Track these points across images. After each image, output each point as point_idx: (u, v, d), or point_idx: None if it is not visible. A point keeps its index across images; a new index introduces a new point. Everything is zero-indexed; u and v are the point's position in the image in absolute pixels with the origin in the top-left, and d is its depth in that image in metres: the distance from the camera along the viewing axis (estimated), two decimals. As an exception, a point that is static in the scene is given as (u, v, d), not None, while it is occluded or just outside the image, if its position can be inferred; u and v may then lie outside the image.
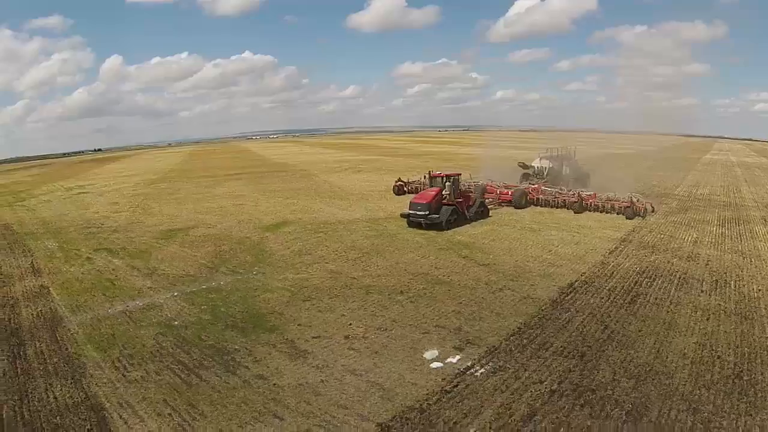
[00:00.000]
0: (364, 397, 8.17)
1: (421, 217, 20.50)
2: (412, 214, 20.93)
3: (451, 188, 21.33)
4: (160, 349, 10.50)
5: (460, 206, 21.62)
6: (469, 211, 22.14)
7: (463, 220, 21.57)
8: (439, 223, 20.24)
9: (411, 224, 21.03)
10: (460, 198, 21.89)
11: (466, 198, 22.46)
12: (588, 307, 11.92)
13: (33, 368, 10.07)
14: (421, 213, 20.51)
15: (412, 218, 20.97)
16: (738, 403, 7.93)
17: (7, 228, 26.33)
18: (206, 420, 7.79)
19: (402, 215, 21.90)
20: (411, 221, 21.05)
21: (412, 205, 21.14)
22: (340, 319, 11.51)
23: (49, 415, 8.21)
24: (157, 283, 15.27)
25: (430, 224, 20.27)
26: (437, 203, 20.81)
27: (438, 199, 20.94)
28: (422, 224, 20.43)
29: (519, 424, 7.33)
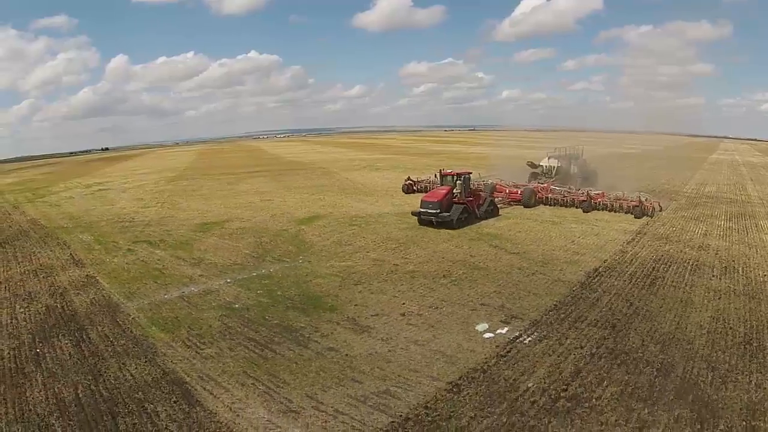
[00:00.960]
0: (431, 363, 9.53)
1: (432, 215, 20.72)
2: (423, 212, 21.14)
3: (461, 187, 21.64)
4: (227, 329, 11.42)
5: (471, 205, 21.91)
6: (479, 210, 22.45)
7: (474, 219, 21.91)
8: (450, 221, 20.53)
9: (422, 222, 21.34)
10: (471, 196, 22.21)
11: (477, 197, 22.80)
12: (613, 288, 13.35)
13: (100, 350, 10.71)
14: (432, 211, 20.74)
15: (423, 216, 21.18)
16: (749, 363, 9.34)
17: (34, 223, 27.14)
18: (290, 387, 8.77)
19: (413, 213, 22.07)
20: (422, 219, 21.32)
21: (423, 203, 21.35)
22: (392, 300, 12.92)
23: (129, 391, 8.86)
24: (206, 271, 16.27)
25: (441, 222, 20.63)
26: (448, 202, 21.05)
27: (449, 198, 21.18)
28: (433, 222, 20.78)
29: (568, 379, 8.76)
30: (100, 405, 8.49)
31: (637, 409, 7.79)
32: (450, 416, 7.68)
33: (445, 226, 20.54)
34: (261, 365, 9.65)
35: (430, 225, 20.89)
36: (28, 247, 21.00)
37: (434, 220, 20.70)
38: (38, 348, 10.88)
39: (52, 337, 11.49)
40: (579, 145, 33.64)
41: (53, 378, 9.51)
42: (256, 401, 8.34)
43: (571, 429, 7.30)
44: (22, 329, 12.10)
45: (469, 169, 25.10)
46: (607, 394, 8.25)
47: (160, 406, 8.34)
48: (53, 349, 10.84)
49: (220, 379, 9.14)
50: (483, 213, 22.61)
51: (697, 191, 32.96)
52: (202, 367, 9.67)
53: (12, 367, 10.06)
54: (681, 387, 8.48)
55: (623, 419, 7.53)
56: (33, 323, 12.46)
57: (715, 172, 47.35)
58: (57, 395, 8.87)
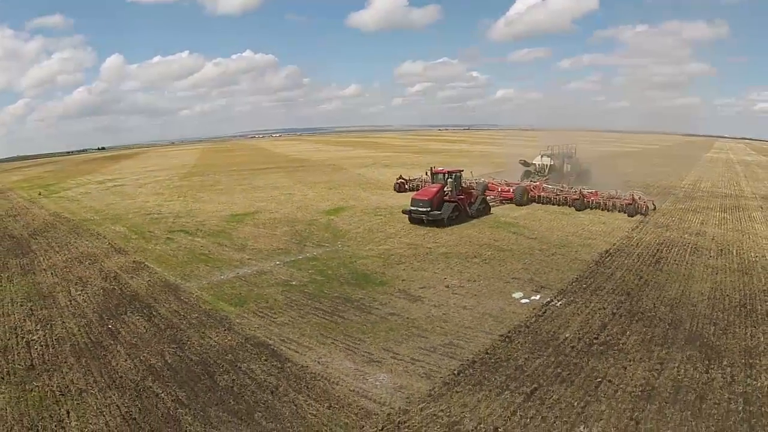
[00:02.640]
0: (481, 322, 11.32)
1: (422, 214, 20.55)
2: (413, 210, 20.93)
3: (453, 185, 21.62)
4: (292, 302, 12.68)
5: (462, 203, 21.78)
6: (470, 208, 22.31)
7: (465, 217, 21.84)
8: (441, 219, 20.46)
9: (413, 221, 21.17)
10: (462, 194, 22.16)
11: (468, 194, 22.74)
12: (624, 266, 15.28)
13: (175, 323, 11.55)
14: (422, 209, 20.57)
15: (413, 214, 20.99)
16: (745, 320, 11.26)
17: (58, 216, 27.61)
18: (366, 343, 10.15)
19: (404, 212, 21.83)
20: (412, 218, 21.16)
21: (414, 201, 21.16)
22: (434, 276, 14.73)
23: (218, 354, 9.86)
24: (253, 255, 17.43)
25: (432, 221, 20.52)
26: (439, 200, 20.92)
27: (440, 196, 21.04)
28: (424, 221, 20.66)
29: (597, 331, 10.64)
30: (193, 367, 9.44)
31: (656, 351, 9.68)
32: (508, 358, 9.51)
33: (435, 225, 20.55)
34: (334, 328, 11.06)
35: (421, 223, 20.89)
36: (61, 237, 21.76)
37: (425, 218, 20.54)
38: (109, 324, 11.74)
39: (120, 314, 12.34)
40: (573, 143, 33.72)
41: (135, 348, 10.35)
42: (339, 356, 9.70)
43: (606, 364, 9.16)
44: (86, 309, 12.84)
45: (460, 167, 25.19)
46: (630, 341, 10.14)
47: (253, 364, 9.47)
48: (125, 324, 11.73)
49: (301, 341, 10.41)
50: (474, 211, 22.46)
51: (694, 186, 35.07)
52: (280, 332, 10.90)
53: (87, 341, 10.86)
54: (689, 336, 10.38)
55: (646, 358, 9.41)
56: (95, 303, 13.24)
57: (711, 169, 49.53)
58: (145, 362, 9.74)
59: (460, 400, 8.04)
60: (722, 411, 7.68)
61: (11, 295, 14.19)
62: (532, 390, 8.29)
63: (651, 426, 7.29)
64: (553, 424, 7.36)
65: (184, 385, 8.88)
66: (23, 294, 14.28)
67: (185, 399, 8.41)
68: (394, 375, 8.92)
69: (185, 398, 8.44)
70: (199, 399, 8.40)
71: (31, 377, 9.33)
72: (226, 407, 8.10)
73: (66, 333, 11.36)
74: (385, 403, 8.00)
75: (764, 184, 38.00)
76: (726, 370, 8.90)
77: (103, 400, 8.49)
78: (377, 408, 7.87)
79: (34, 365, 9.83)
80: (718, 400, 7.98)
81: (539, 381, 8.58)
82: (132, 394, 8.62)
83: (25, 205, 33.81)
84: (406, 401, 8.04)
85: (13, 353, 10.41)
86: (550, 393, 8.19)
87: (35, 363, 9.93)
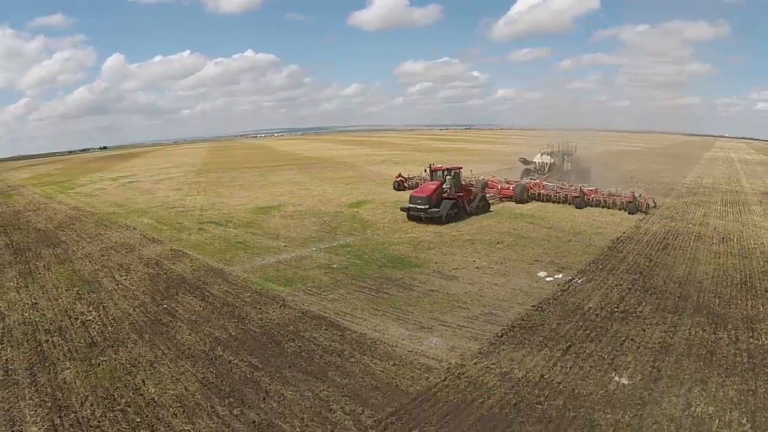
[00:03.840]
0: (513, 296, 12.74)
1: (421, 211, 20.50)
2: (412, 207, 20.92)
3: (451, 182, 21.56)
4: (337, 282, 13.79)
5: (461, 200, 21.74)
6: (469, 206, 22.27)
7: (464, 215, 21.84)
8: (439, 217, 20.37)
9: (411, 218, 21.15)
10: (461, 192, 22.11)
11: (467, 192, 22.70)
12: (635, 250, 16.75)
13: (229, 302, 12.33)
14: (421, 207, 20.55)
15: (412, 212, 20.96)
16: (746, 294, 12.73)
17: (80, 210, 28.25)
18: (414, 314, 11.36)
19: (402, 209, 21.89)
20: (411, 215, 21.12)
21: (412, 198, 21.14)
22: (463, 259, 16.17)
23: (279, 326, 10.78)
24: (288, 243, 18.39)
25: (430, 218, 20.46)
26: (437, 197, 20.87)
27: (438, 193, 20.98)
28: (422, 218, 20.61)
29: (616, 302, 12.09)
30: (259, 338, 10.27)
31: (668, 317, 11.15)
32: (542, 323, 10.96)
33: (433, 222, 20.59)
34: (382, 302, 12.26)
35: (419, 221, 20.93)
36: (89, 229, 22.47)
37: (423, 215, 20.50)
38: (164, 304, 12.45)
39: (172, 295, 13.09)
40: (574, 142, 34.10)
41: (196, 324, 11.09)
42: (393, 324, 10.86)
43: (628, 327, 10.62)
44: (136, 291, 13.55)
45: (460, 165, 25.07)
46: (646, 309, 11.62)
47: (315, 333, 10.48)
48: (180, 303, 12.46)
49: (354, 313, 11.48)
50: (474, 209, 22.44)
51: (696, 183, 36.59)
52: (333, 307, 11.91)
53: (145, 320, 11.53)
54: (697, 306, 11.85)
55: (661, 322, 10.88)
56: (143, 286, 13.96)
57: (712, 167, 51.02)
58: (209, 335, 10.48)
59: (507, 356, 9.48)
60: (729, 362, 9.13)
61: (53, 282, 14.81)
62: (567, 347, 9.75)
63: (671, 372, 8.74)
64: (589, 372, 8.81)
65: (254, 352, 9.72)
66: (65, 280, 14.89)
67: (258, 364, 9.26)
68: (445, 338, 10.31)
69: (258, 363, 9.28)
70: (272, 363, 9.27)
71: (95, 353, 9.89)
72: (299, 368, 9.05)
73: (121, 313, 12.02)
74: (443, 360, 9.36)
75: (764, 181, 39.45)
76: (731, 333, 10.37)
77: (176, 368, 9.17)
78: (436, 364, 9.23)
79: (96, 342, 10.41)
80: (726, 354, 9.44)
81: (572, 340, 10.04)
82: (204, 362, 9.36)
83: (42, 201, 34.58)
84: (460, 358, 9.43)
85: (70, 333, 10.98)
86: (582, 349, 9.65)
87: (96, 340, 10.51)
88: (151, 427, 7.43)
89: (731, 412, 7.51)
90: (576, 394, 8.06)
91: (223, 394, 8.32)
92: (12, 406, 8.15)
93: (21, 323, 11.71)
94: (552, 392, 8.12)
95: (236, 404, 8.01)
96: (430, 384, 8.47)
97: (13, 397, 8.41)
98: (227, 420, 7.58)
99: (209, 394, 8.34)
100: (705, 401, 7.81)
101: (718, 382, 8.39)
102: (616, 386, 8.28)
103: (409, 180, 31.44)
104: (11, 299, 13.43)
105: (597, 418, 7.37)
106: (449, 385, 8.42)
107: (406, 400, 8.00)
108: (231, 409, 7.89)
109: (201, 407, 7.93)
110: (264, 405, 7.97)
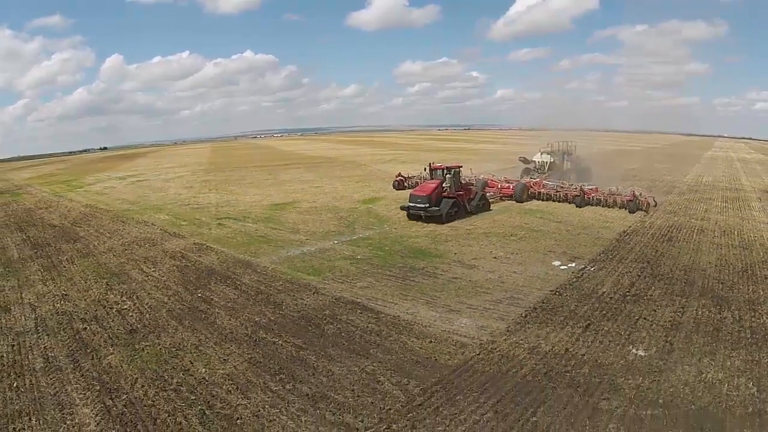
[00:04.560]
0: (531, 282, 13.68)
1: (421, 210, 20.49)
2: (412, 206, 20.90)
3: (451, 180, 21.51)
4: (364, 271, 14.54)
5: (461, 199, 21.77)
6: (469, 204, 22.30)
7: (464, 213, 21.88)
8: (439, 216, 20.36)
9: (411, 217, 21.14)
10: (461, 191, 22.12)
11: (467, 191, 22.67)
12: (641, 242, 17.72)
13: (263, 290, 12.97)
14: (421, 206, 20.55)
15: (412, 211, 20.96)
16: (747, 281, 13.67)
17: (93, 207, 28.62)
18: (442, 299, 12.07)
19: (402, 208, 21.94)
20: (411, 214, 21.14)
21: (412, 197, 21.11)
22: (481, 250, 17.08)
23: (316, 311, 11.44)
24: (309, 237, 19.03)
25: (430, 217, 20.43)
26: (437, 196, 20.85)
27: (438, 192, 20.95)
28: (422, 217, 20.60)
29: (627, 287, 13.03)
30: (298, 321, 10.89)
31: (677, 300, 12.10)
32: (562, 305, 11.90)
33: (434, 221, 20.55)
34: (410, 289, 13.04)
35: (419, 219, 20.91)
36: (106, 225, 22.92)
37: (423, 214, 20.47)
38: (198, 293, 12.94)
39: (204, 285, 13.58)
40: (573, 141, 34.22)
41: (233, 311, 11.62)
42: (423, 308, 11.62)
43: (640, 308, 11.57)
44: (167, 282, 14.01)
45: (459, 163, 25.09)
46: (655, 293, 12.57)
47: (351, 316, 11.15)
48: (214, 292, 12.96)
49: (385, 299, 12.22)
50: (474, 207, 22.51)
51: (696, 181, 37.62)
52: (364, 293, 12.60)
53: (182, 308, 11.95)
54: (702, 290, 12.80)
55: (670, 304, 11.83)
56: (174, 277, 14.43)
57: (712, 166, 52.16)
58: (249, 320, 11.02)
59: (533, 333, 10.42)
60: (734, 338, 10.08)
61: (80, 274, 15.26)
62: (586, 325, 10.70)
63: (682, 346, 9.69)
64: (608, 346, 9.75)
65: (297, 334, 10.36)
66: (92, 272, 15.35)
67: (302, 344, 9.88)
68: (474, 319, 11.22)
69: (302, 344, 9.91)
70: (315, 343, 9.89)
71: (137, 339, 10.33)
72: (342, 347, 9.72)
73: (156, 302, 12.47)
74: (474, 337, 10.26)
75: (763, 179, 40.53)
76: (734, 313, 11.33)
77: (222, 351, 9.65)
78: (469, 340, 10.13)
79: (136, 329, 10.84)
80: (730, 330, 10.40)
81: (590, 319, 10.99)
82: (249, 344, 9.89)
83: (52, 199, 35.05)
84: (490, 335, 10.34)
85: (107, 321, 11.40)
86: (601, 326, 10.60)
87: (136, 327, 10.95)
88: (207, 404, 7.89)
89: (738, 378, 8.44)
90: (599, 363, 8.99)
91: (273, 371, 8.90)
92: (58, 390, 8.42)
93: (54, 313, 12.08)
94: (577, 362, 9.05)
95: (287, 380, 8.68)
96: (467, 358, 9.37)
97: (57, 383, 8.68)
98: (281, 394, 8.25)
99: (259, 372, 8.89)
100: (714, 369, 8.74)
101: (725, 354, 9.32)
102: (634, 357, 9.22)
103: (409, 179, 31.35)
104: (39, 291, 13.87)
105: (620, 383, 8.31)
106: (484, 359, 9.33)
107: (446, 371, 8.88)
108: (283, 384, 8.56)
109: (253, 384, 8.47)
110: (314, 380, 8.68)
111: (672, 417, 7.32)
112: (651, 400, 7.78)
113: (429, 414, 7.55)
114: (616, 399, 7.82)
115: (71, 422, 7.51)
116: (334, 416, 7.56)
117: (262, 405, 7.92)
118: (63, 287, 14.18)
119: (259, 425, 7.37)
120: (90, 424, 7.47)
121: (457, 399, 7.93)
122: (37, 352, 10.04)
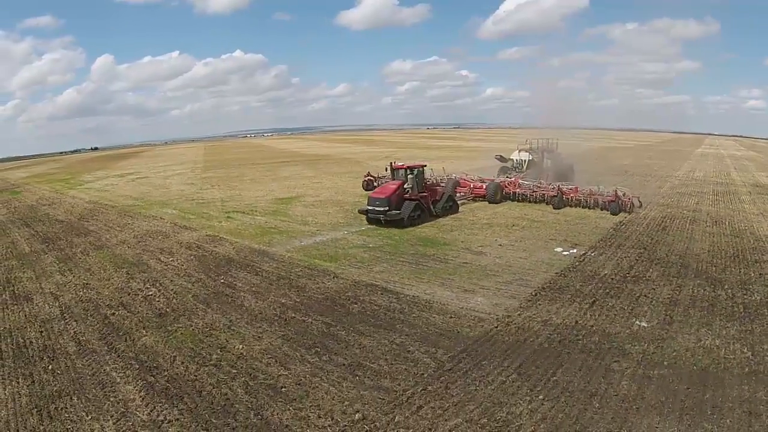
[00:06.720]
0: (537, 266, 14.44)
1: (380, 213, 18.91)
2: (370, 209, 19.35)
3: (414, 181, 19.87)
4: (377, 258, 15.08)
5: (425, 200, 20.24)
6: (435, 207, 20.74)
7: (428, 216, 20.34)
8: (400, 219, 18.88)
9: (370, 221, 19.63)
10: (425, 192, 20.51)
11: (432, 192, 21.00)
12: (637, 231, 18.64)
13: (283, 276, 13.47)
14: (380, 209, 18.94)
15: (370, 215, 19.42)
16: (739, 264, 14.59)
17: (97, 203, 28.86)
18: (455, 281, 12.90)
19: (360, 211, 20.49)
20: (369, 218, 19.61)
21: (371, 200, 19.55)
22: (486, 238, 17.85)
23: (337, 294, 11.96)
24: (319, 228, 19.51)
25: (390, 221, 18.84)
26: (398, 198, 19.26)
27: (399, 194, 19.37)
28: (381, 221, 18.97)
29: (627, 270, 13.88)
30: (323, 302, 11.47)
31: (673, 280, 12.96)
32: (567, 285, 12.71)
33: (394, 225, 18.97)
34: (424, 272, 13.69)
35: (378, 224, 19.43)
36: (115, 220, 23.23)
37: (382, 218, 18.92)
38: (221, 279, 13.46)
39: (225, 272, 14.09)
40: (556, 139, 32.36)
41: (259, 294, 12.18)
42: (439, 289, 12.26)
43: (640, 287, 12.42)
44: (188, 270, 14.45)
45: (423, 162, 23.27)
46: (654, 274, 13.45)
47: (373, 297, 11.77)
48: (236, 278, 13.44)
49: (402, 281, 12.85)
50: (440, 210, 20.90)
51: (688, 176, 38.83)
52: (381, 277, 13.18)
53: (207, 293, 12.45)
54: (697, 272, 13.71)
55: (667, 284, 12.70)
56: (194, 265, 14.88)
57: (702, 162, 53.51)
58: (276, 302, 11.52)
59: (544, 309, 11.20)
60: (729, 312, 10.94)
61: (97, 265, 15.59)
62: (592, 301, 11.51)
63: (681, 319, 10.54)
64: (614, 318, 10.57)
65: (324, 313, 10.90)
66: (110, 263, 15.73)
67: (331, 322, 10.43)
68: (488, 298, 11.97)
69: (331, 321, 10.45)
70: (343, 321, 10.45)
71: (168, 321, 10.73)
72: (369, 323, 10.34)
73: (180, 288, 12.93)
74: (491, 313, 11.00)
75: (753, 174, 41.69)
76: (728, 291, 12.22)
77: (255, 329, 10.16)
78: (486, 316, 10.86)
79: (165, 313, 11.22)
80: (725, 306, 11.28)
81: (595, 297, 11.81)
82: (280, 323, 10.43)
83: (54, 196, 35.25)
84: (505, 311, 11.09)
85: (135, 306, 11.79)
86: (606, 302, 11.43)
87: (165, 311, 11.34)
88: (249, 375, 8.35)
89: (734, 344, 9.30)
90: (607, 332, 9.81)
91: (307, 346, 9.43)
92: (96, 371, 8.73)
93: (78, 301, 12.44)
94: (587, 332, 9.86)
95: (323, 353, 9.27)
96: (486, 330, 10.12)
97: (94, 364, 9.00)
98: (319, 365, 8.84)
99: (295, 346, 9.44)
100: (712, 337, 9.60)
101: (721, 325, 10.19)
102: (638, 328, 10.05)
103: (379, 179, 29.34)
104: (58, 281, 14.24)
105: (628, 349, 9.12)
106: (502, 330, 10.08)
107: (469, 341, 9.61)
108: (319, 356, 9.15)
109: (291, 357, 9.02)
110: (348, 352, 9.30)
111: (677, 375, 8.13)
112: (657, 362, 8.59)
113: (460, 377, 8.27)
114: (626, 361, 8.62)
115: (114, 399, 7.85)
116: (372, 381, 8.22)
117: (303, 375, 8.52)
118: (83, 277, 14.60)
119: (302, 392, 7.97)
120: (135, 399, 7.89)
121: (482, 364, 8.67)
122: (67, 337, 10.37)
